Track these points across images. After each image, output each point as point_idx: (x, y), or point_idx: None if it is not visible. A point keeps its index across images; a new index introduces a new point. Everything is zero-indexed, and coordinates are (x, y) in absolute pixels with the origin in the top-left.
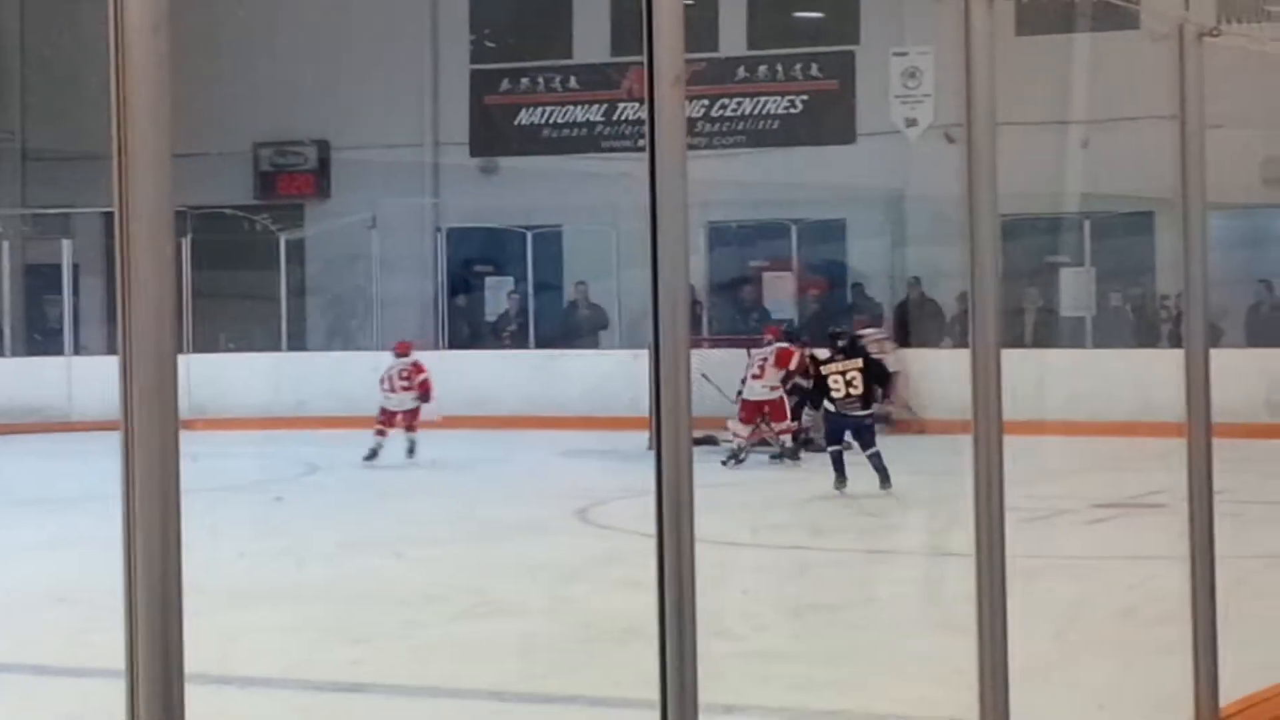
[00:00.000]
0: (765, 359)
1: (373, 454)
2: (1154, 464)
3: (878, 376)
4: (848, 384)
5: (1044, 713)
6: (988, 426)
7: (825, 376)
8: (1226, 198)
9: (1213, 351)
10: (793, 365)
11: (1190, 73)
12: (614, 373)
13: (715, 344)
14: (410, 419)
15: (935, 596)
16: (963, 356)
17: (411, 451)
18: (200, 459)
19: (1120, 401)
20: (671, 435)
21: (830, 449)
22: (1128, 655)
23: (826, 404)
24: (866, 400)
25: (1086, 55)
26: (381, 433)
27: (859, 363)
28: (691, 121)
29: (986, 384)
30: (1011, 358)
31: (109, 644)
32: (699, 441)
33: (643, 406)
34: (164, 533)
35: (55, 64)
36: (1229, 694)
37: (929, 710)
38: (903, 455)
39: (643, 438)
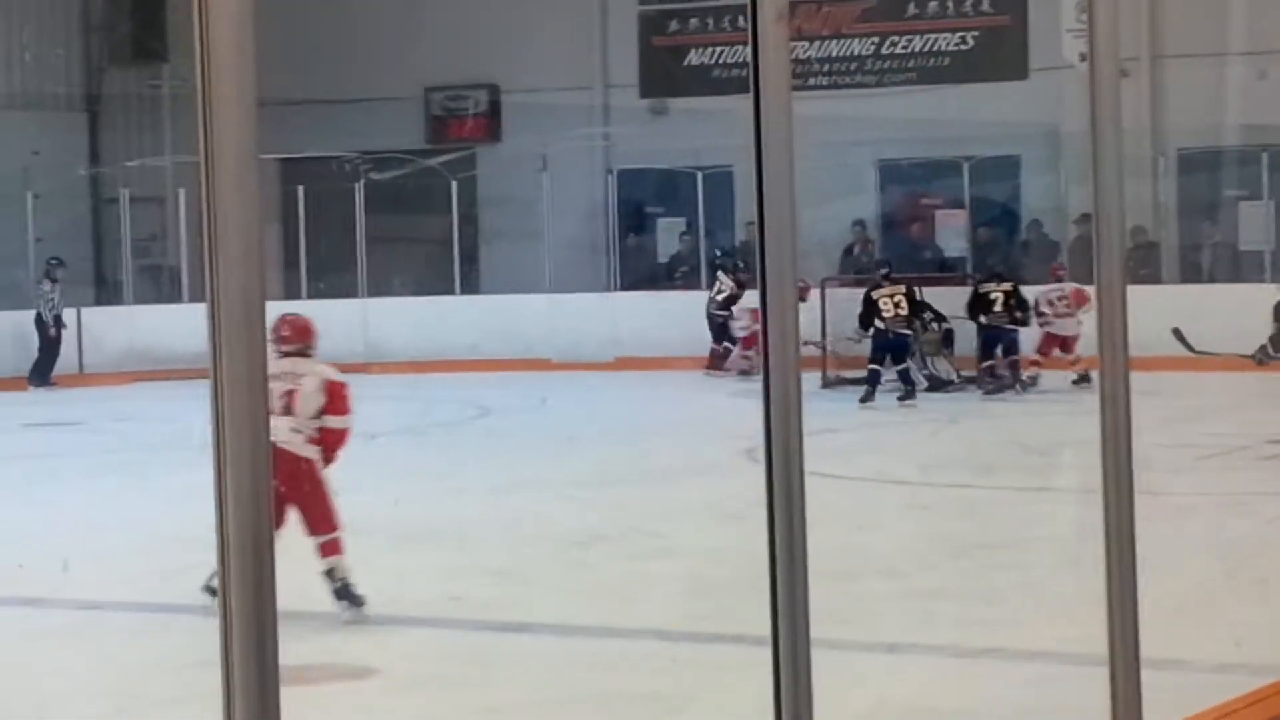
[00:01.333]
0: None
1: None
2: None
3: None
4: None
5: (1185, 650)
6: (1114, 363)
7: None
8: None
9: None
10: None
11: None
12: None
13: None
14: None
15: (1094, 534)
16: (1135, 292)
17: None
18: (375, 401)
19: None
20: (780, 372)
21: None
22: (1272, 592)
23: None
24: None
25: None
26: None
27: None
28: (861, 59)
29: (1112, 321)
30: (1190, 293)
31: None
32: (856, 381)
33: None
34: (254, 478)
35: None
36: None
37: (1084, 647)
38: (1062, 393)
39: (814, 377)
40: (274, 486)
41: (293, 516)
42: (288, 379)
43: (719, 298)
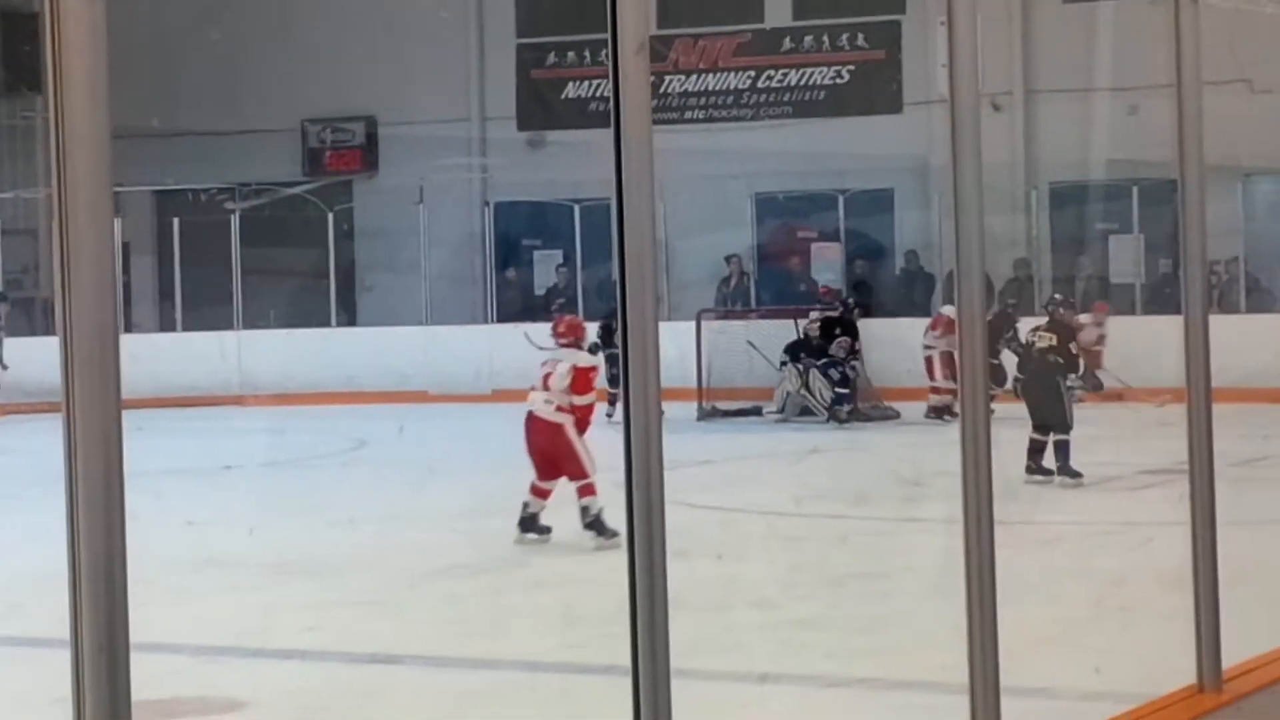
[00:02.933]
0: None
1: None
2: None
3: None
4: None
5: (1048, 678)
6: (974, 394)
7: None
8: (1276, 164)
9: (1261, 317)
10: None
11: (1185, 35)
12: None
13: (764, 315)
14: None
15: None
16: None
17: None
18: (250, 434)
19: (1169, 367)
20: (640, 406)
21: None
22: (1146, 621)
23: None
24: None
25: (1133, 21)
26: None
27: None
28: (738, 93)
29: (973, 353)
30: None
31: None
32: (744, 412)
33: (690, 377)
34: (107, 511)
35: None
36: (1244, 656)
37: (951, 676)
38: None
39: (690, 408)
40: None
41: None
42: (550, 364)
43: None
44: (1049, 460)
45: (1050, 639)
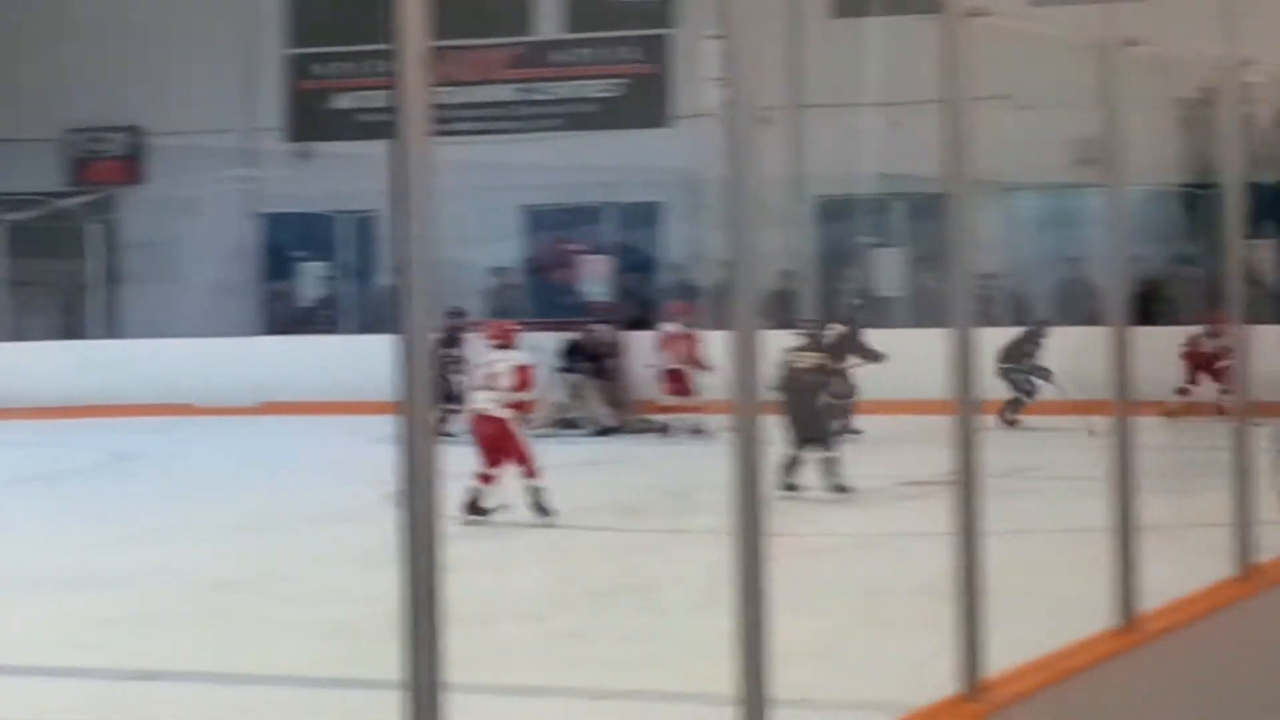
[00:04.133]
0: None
1: None
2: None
3: None
4: None
5: (814, 689)
6: (747, 408)
7: None
8: (1037, 178)
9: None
10: None
11: (955, 51)
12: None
13: (532, 327)
14: None
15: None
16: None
17: None
18: (8, 446)
19: (935, 380)
20: (410, 419)
21: None
22: (908, 630)
23: None
24: None
25: (901, 37)
26: None
27: None
28: (507, 105)
29: (745, 366)
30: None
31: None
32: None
33: None
34: None
35: None
36: (1004, 665)
37: (720, 687)
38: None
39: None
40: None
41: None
42: (490, 364)
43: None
44: (805, 477)
45: (814, 649)
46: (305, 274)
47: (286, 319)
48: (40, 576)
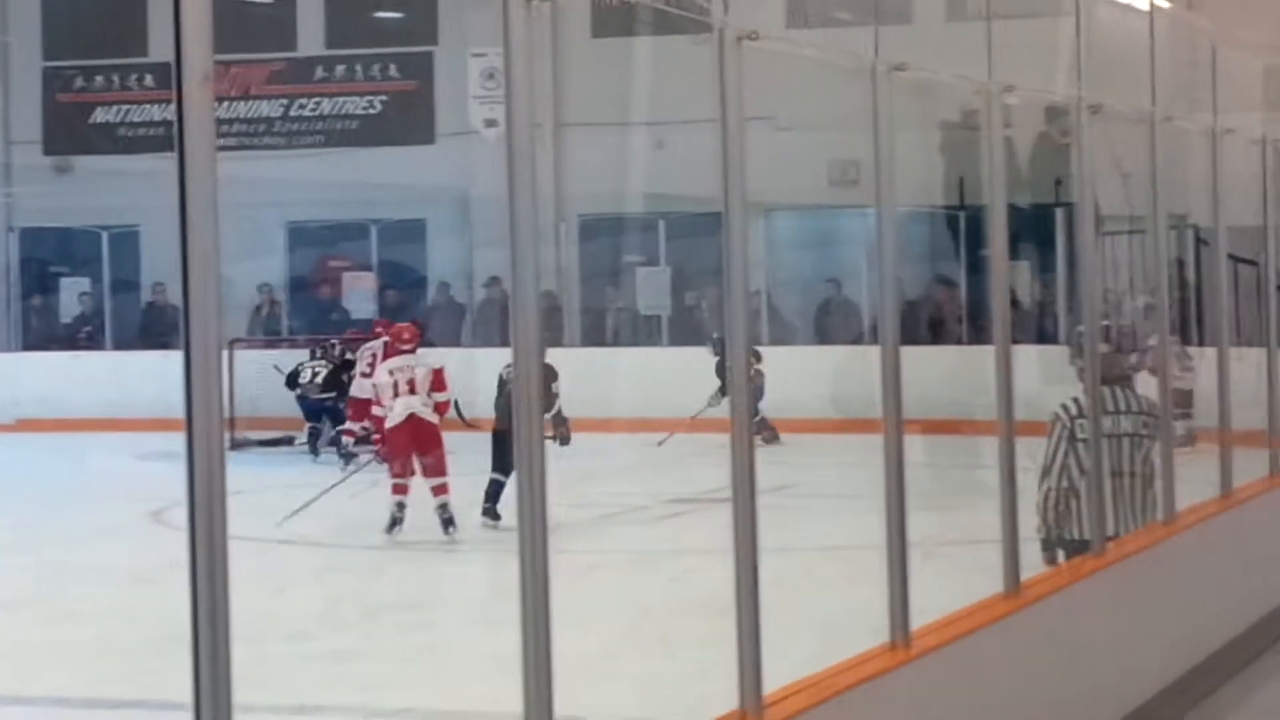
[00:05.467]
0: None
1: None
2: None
3: None
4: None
5: (594, 706)
6: (529, 425)
7: None
8: (796, 199)
9: (785, 349)
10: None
11: (729, 75)
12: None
13: (294, 343)
14: None
15: (501, 593)
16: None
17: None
18: None
19: (697, 398)
20: (203, 435)
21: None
22: (684, 647)
23: None
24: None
25: (659, 58)
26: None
27: None
28: (270, 121)
29: (527, 385)
30: (595, 356)
31: None
32: (275, 442)
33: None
34: None
35: None
36: (780, 682)
37: (497, 706)
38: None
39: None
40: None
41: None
42: (406, 370)
43: (317, 380)
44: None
45: (589, 667)
46: (65, 290)
47: (46, 335)
48: None
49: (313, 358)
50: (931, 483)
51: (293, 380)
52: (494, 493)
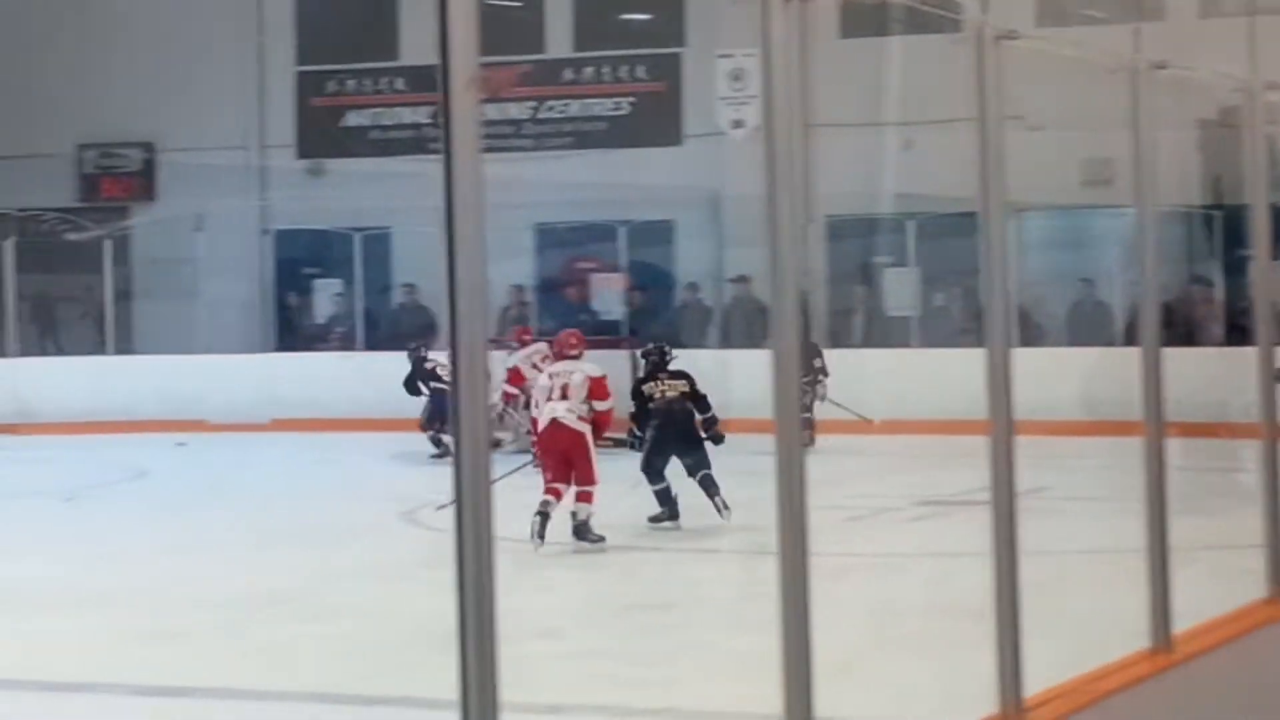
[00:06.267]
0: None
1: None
2: (977, 461)
3: None
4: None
5: (849, 708)
6: (788, 427)
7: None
8: (1048, 199)
9: (1035, 350)
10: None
11: (989, 74)
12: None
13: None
14: None
15: (755, 594)
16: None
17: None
18: (28, 463)
19: (946, 400)
20: (470, 434)
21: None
22: (938, 650)
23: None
24: None
25: (908, 57)
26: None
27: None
28: (518, 123)
29: (786, 385)
30: (842, 357)
31: None
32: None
33: None
34: None
35: None
36: (1035, 686)
37: (747, 707)
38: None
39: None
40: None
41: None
42: (564, 375)
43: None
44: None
45: (846, 670)
46: (318, 291)
47: (300, 335)
48: (57, 592)
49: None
50: (1190, 486)
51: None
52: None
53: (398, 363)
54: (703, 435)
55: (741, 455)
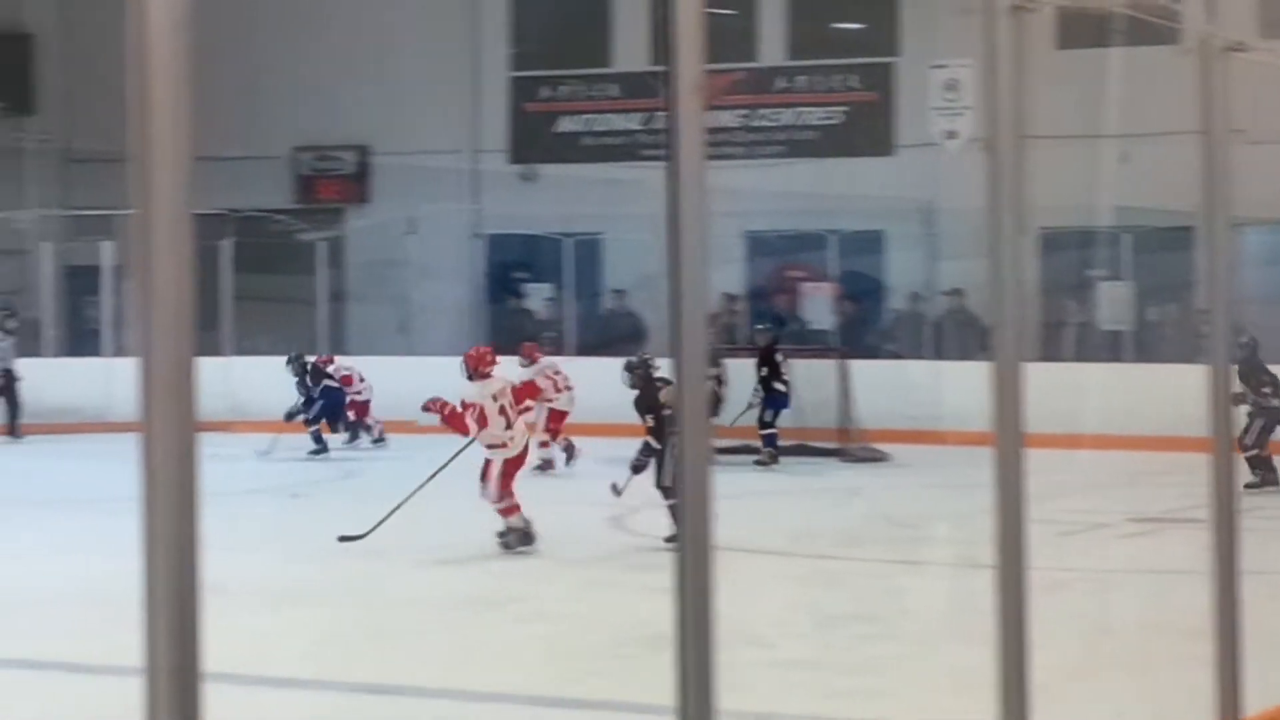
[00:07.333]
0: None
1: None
2: (1191, 478)
3: None
4: None
5: None
6: (1008, 440)
7: None
8: (1268, 213)
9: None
10: None
11: (1215, 86)
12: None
13: (751, 353)
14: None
15: (963, 607)
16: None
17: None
18: (242, 460)
19: (1160, 415)
20: (694, 441)
21: None
22: (1153, 668)
23: None
24: None
25: (1126, 69)
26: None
27: None
28: (730, 131)
29: (1008, 398)
30: (1050, 371)
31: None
32: (728, 450)
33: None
34: (181, 534)
35: (96, 64)
36: (1254, 706)
37: (954, 718)
38: (929, 467)
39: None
40: None
41: None
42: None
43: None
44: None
45: (1058, 685)
46: (531, 295)
47: (509, 339)
48: (275, 589)
49: None
50: None
51: None
52: None
53: (605, 366)
54: None
55: (952, 468)
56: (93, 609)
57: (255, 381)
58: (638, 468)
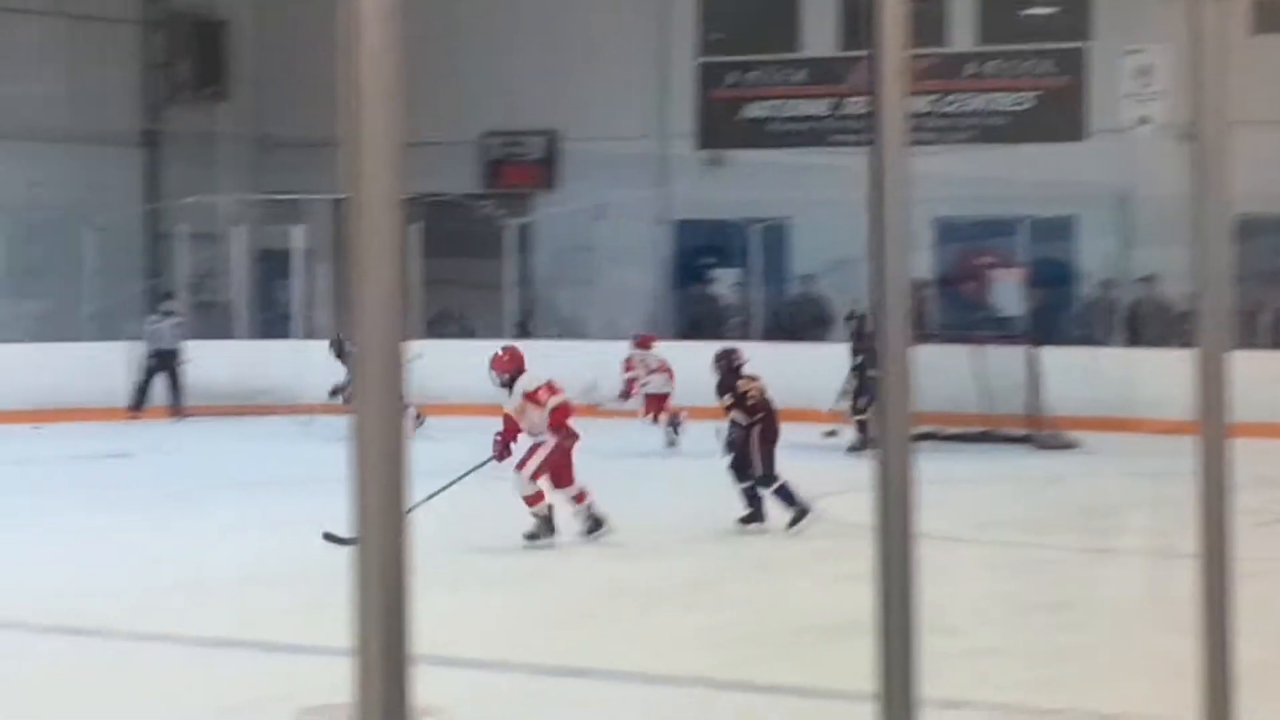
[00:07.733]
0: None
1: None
2: None
3: None
4: None
5: (1266, 716)
6: (1213, 429)
7: None
8: None
9: None
10: None
11: None
12: (840, 366)
13: (942, 339)
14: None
15: (1158, 597)
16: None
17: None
18: (435, 440)
19: None
20: (894, 428)
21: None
22: None
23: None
24: None
25: None
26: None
27: None
28: (920, 117)
29: (1213, 387)
30: (1247, 358)
31: (334, 621)
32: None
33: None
34: (388, 517)
35: (289, 51)
36: None
37: (1148, 709)
38: (1121, 455)
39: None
40: None
41: None
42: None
43: None
44: None
45: (1259, 678)
46: (718, 280)
47: (696, 324)
48: (459, 572)
49: None
50: None
51: None
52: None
53: (791, 352)
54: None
55: (1144, 456)
56: (287, 590)
57: (443, 364)
58: (730, 447)
